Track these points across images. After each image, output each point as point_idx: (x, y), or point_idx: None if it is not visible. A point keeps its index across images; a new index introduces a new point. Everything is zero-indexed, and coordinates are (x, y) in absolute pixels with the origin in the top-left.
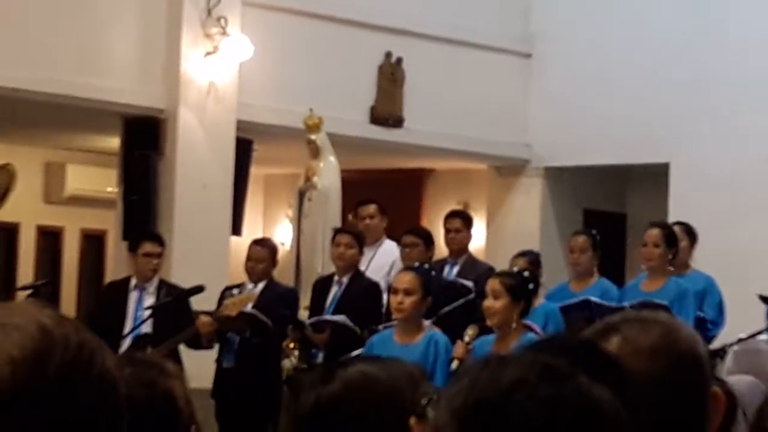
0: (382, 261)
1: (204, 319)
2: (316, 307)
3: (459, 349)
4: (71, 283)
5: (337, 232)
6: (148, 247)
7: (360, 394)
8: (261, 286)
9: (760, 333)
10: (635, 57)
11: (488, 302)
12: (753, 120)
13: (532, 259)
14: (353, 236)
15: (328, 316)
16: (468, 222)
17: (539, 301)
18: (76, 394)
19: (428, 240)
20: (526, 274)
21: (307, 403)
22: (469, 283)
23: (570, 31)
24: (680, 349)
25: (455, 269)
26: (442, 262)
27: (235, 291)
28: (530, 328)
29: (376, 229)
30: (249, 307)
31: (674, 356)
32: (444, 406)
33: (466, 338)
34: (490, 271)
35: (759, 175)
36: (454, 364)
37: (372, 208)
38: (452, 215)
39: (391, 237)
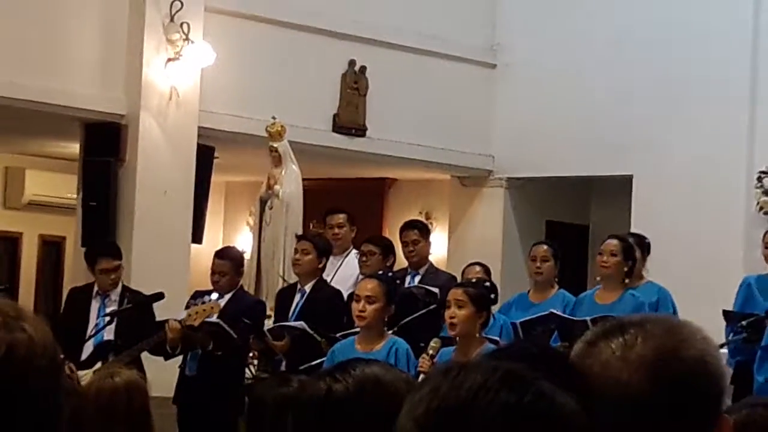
0: (348, 271)
1: (174, 324)
2: (280, 316)
3: (424, 363)
4: (29, 290)
5: (298, 238)
6: (103, 263)
7: (371, 393)
8: (227, 297)
9: (720, 347)
10: (599, 69)
11: (451, 312)
12: (716, 133)
13: (486, 269)
14: (311, 243)
15: (286, 323)
16: (424, 231)
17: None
18: None
19: (387, 249)
20: (487, 284)
21: (315, 398)
22: (435, 290)
23: (535, 43)
24: (683, 366)
25: (417, 279)
26: (404, 272)
27: (206, 298)
28: (491, 340)
29: (344, 239)
30: (214, 318)
31: (674, 373)
32: (406, 414)
33: (431, 351)
34: (452, 280)
35: (721, 187)
36: (420, 378)
37: (341, 217)
38: (407, 227)
39: (356, 247)
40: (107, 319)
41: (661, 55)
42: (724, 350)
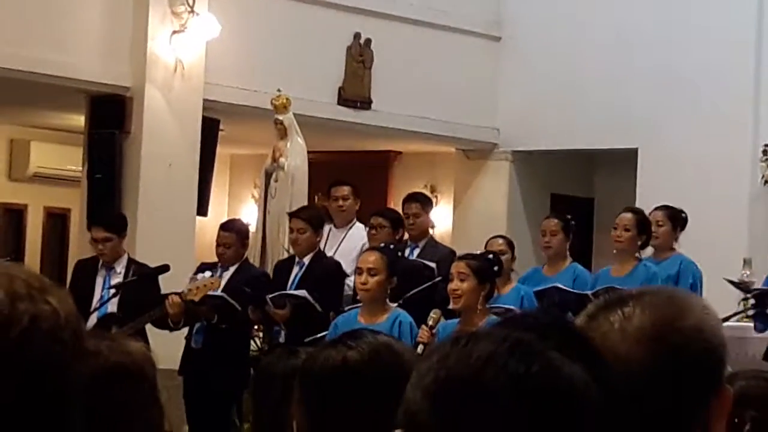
0: (352, 244)
1: (174, 299)
2: (278, 288)
3: (423, 333)
4: (34, 262)
5: (290, 216)
6: (93, 232)
7: (385, 359)
8: (232, 270)
9: (728, 318)
10: (605, 42)
11: (454, 284)
12: (721, 107)
13: (509, 242)
14: (305, 220)
15: (288, 291)
16: (426, 204)
17: (512, 285)
18: None
19: (396, 222)
20: (490, 256)
21: (330, 366)
22: (432, 264)
23: (540, 16)
24: (681, 336)
25: (416, 252)
26: (403, 245)
27: (207, 273)
28: (495, 312)
29: (348, 211)
30: (218, 292)
31: (672, 344)
32: (414, 384)
33: (430, 322)
34: (451, 255)
35: (726, 160)
36: (419, 349)
37: (346, 189)
38: (409, 199)
39: (360, 220)
40: (112, 291)
41: (668, 28)
42: (732, 323)
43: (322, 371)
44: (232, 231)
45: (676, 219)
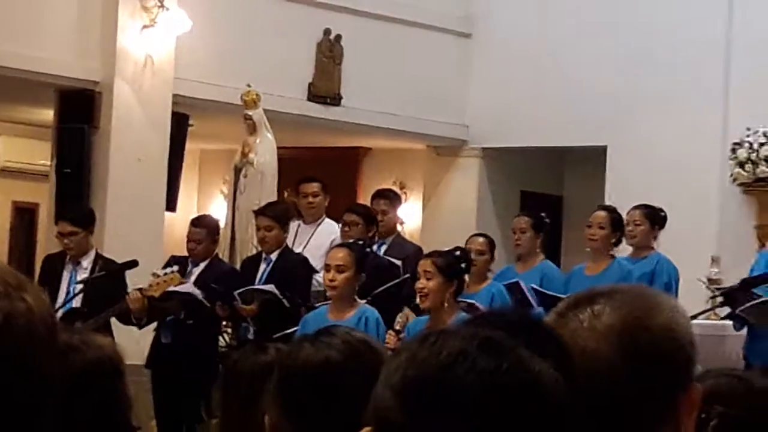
0: (321, 240)
1: (134, 295)
2: (246, 284)
3: (390, 338)
4: (2, 256)
5: (256, 214)
6: (59, 226)
7: (365, 356)
8: (203, 265)
9: (696, 316)
10: (574, 40)
11: (420, 283)
12: (691, 105)
13: (490, 242)
14: (271, 218)
15: (257, 286)
16: (394, 201)
17: (487, 283)
18: None
19: (369, 219)
20: (457, 252)
21: (311, 364)
22: (398, 262)
23: (510, 12)
24: (649, 334)
25: (383, 249)
26: (371, 241)
27: (168, 269)
28: (468, 308)
29: (318, 208)
30: (189, 287)
31: (640, 342)
32: (383, 382)
33: (397, 327)
34: (418, 252)
35: (695, 158)
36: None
37: (315, 185)
38: (377, 196)
39: (328, 215)
40: (80, 286)
41: (637, 26)
42: (701, 321)
43: (305, 369)
44: (203, 227)
45: (655, 218)
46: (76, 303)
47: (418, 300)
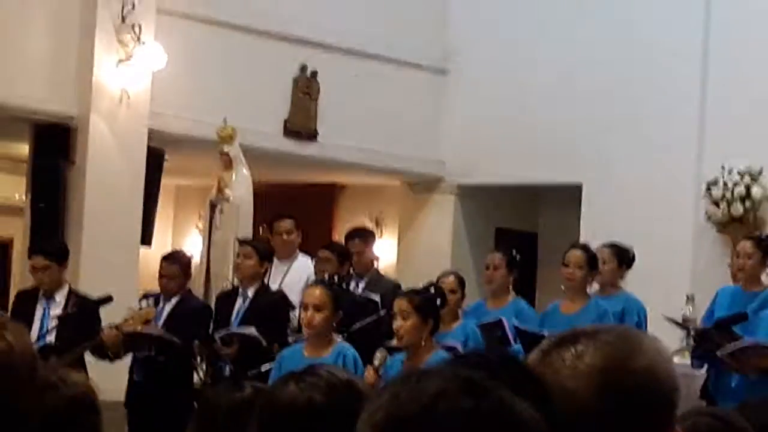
0: (296, 276)
1: (109, 331)
2: (221, 320)
3: (369, 375)
4: None
5: (240, 242)
6: (32, 260)
7: (348, 397)
8: (174, 301)
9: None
10: (550, 78)
11: (397, 323)
12: (665, 144)
13: (460, 280)
14: (252, 247)
15: (236, 329)
16: (368, 239)
17: (459, 322)
18: None
19: (343, 256)
20: (431, 290)
21: (295, 405)
22: (376, 297)
23: (485, 50)
24: (632, 378)
25: (361, 285)
26: (349, 278)
27: (143, 303)
28: (445, 347)
29: (292, 245)
30: (158, 326)
31: (623, 385)
32: (365, 421)
33: (376, 362)
34: (396, 288)
35: (670, 196)
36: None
37: (289, 223)
38: (351, 236)
39: (302, 251)
40: (54, 322)
41: (612, 64)
42: (684, 360)
43: (288, 410)
44: (175, 262)
45: (623, 257)
46: (49, 338)
47: (395, 340)
